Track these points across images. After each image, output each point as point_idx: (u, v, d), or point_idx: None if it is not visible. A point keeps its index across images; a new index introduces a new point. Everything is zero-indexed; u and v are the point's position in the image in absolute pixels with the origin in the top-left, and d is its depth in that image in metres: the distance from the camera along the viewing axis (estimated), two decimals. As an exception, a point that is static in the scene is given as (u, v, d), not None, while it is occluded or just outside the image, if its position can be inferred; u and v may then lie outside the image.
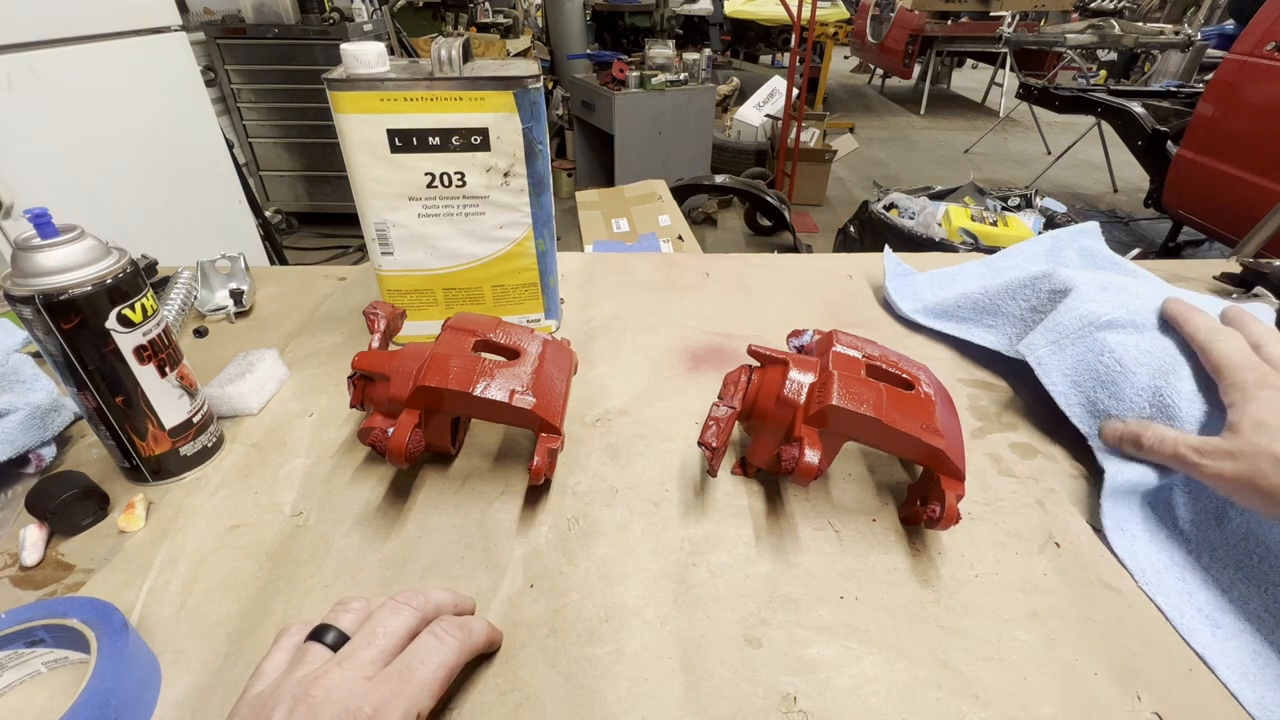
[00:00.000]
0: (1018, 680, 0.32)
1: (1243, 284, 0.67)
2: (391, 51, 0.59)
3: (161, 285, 0.62)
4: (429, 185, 0.49)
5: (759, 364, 0.42)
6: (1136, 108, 2.67)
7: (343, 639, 0.28)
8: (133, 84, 1.46)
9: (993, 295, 0.56)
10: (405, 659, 0.27)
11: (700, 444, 0.39)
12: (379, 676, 0.26)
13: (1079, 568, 0.38)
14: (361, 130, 0.46)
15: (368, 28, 2.67)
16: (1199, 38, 3.77)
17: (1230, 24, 4.09)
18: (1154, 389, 0.42)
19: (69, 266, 0.35)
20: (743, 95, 3.96)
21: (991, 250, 0.69)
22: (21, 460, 0.42)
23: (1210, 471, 0.36)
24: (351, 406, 0.43)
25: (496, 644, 0.32)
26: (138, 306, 0.37)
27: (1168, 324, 0.45)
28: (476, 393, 0.38)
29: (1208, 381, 0.41)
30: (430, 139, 0.47)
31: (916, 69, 5.49)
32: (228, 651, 0.32)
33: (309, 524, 0.40)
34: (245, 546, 0.38)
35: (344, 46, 0.45)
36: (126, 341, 0.37)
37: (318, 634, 0.28)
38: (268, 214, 2.62)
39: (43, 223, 0.34)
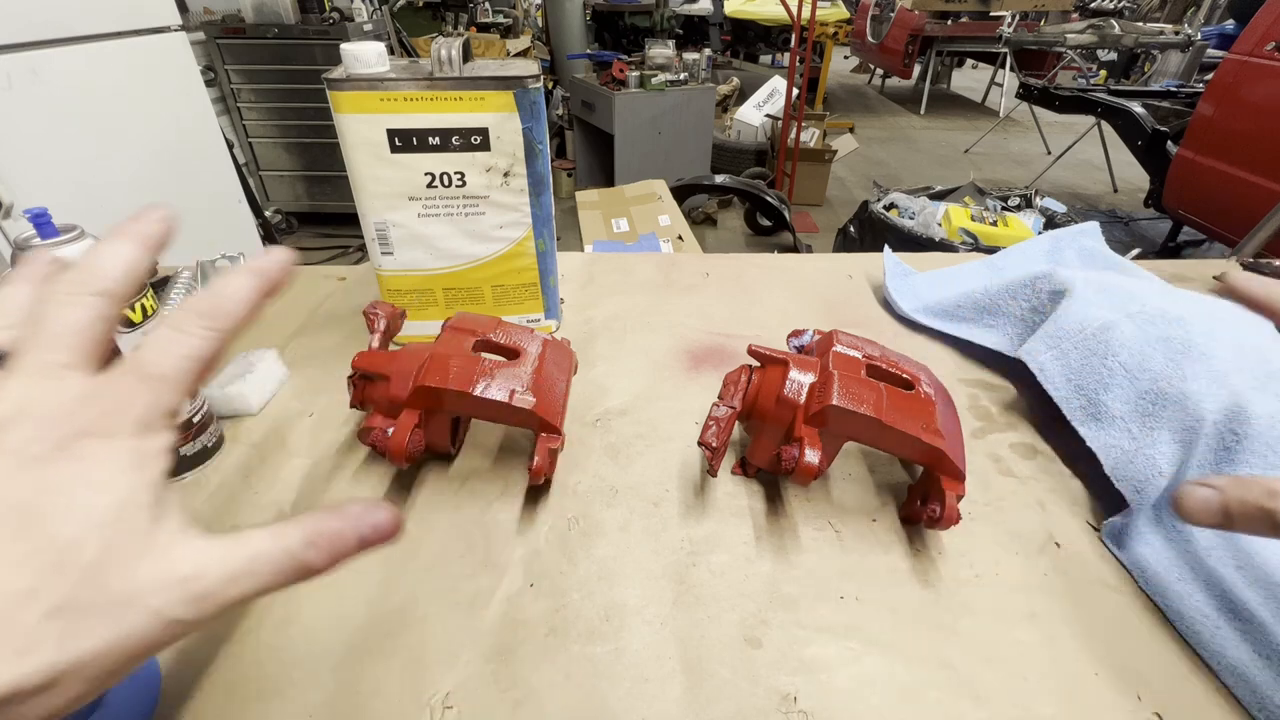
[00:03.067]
0: (1018, 680, 0.32)
1: (1243, 284, 0.67)
2: (391, 51, 0.59)
3: (161, 285, 0.61)
4: (429, 185, 0.49)
5: (759, 364, 0.42)
6: (1136, 108, 2.67)
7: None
8: (133, 84, 1.46)
9: (993, 295, 0.56)
10: (134, 359, 0.19)
11: (700, 444, 0.39)
12: (91, 381, 0.18)
13: (1079, 568, 0.38)
14: (361, 130, 0.46)
15: (368, 28, 2.66)
16: (1199, 38, 3.76)
17: (1230, 24, 4.10)
18: (1158, 391, 0.42)
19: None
20: (743, 95, 3.96)
21: (991, 250, 0.69)
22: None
23: None
24: (351, 406, 0.43)
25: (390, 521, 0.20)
26: (138, 306, 0.37)
27: (1170, 323, 0.44)
28: (476, 393, 0.38)
29: (1219, 380, 0.41)
30: (430, 139, 0.47)
31: (916, 69, 5.49)
32: (228, 651, 0.32)
33: (309, 524, 0.40)
34: (245, 546, 0.38)
35: (344, 46, 0.45)
36: (126, 342, 0.37)
37: None
38: (268, 214, 2.63)
39: (43, 223, 0.34)
